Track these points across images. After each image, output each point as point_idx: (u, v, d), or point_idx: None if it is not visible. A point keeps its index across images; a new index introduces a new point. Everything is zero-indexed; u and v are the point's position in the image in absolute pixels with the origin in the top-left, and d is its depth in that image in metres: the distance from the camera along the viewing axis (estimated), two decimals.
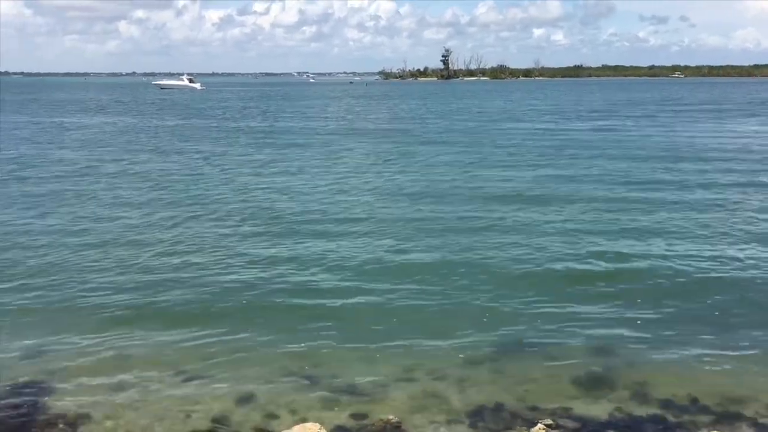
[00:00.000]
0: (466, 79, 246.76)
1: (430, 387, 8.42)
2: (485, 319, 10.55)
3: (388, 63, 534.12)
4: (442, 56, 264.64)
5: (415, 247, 14.35)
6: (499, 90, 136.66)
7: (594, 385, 8.49)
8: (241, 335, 9.92)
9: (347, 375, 8.72)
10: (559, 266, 12.98)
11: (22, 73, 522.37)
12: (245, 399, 8.11)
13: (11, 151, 31.44)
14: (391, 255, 13.79)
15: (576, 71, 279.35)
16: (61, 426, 7.41)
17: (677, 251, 13.80)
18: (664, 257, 13.38)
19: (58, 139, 38.27)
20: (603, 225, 15.95)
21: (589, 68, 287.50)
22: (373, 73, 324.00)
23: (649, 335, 9.94)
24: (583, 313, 10.79)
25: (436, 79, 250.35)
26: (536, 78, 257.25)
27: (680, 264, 12.97)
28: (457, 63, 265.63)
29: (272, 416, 7.72)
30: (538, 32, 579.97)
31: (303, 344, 9.62)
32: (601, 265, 13.01)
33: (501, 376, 8.71)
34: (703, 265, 12.93)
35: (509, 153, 30.57)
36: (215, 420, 7.62)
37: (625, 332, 10.05)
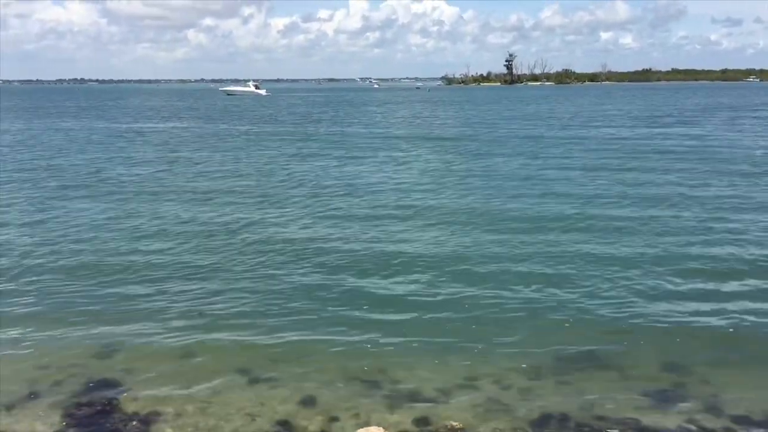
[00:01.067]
0: (530, 84, 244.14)
1: (493, 394, 8.35)
2: (550, 329, 10.40)
3: (451, 68, 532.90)
4: (506, 61, 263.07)
5: (482, 254, 14.23)
6: (566, 95, 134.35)
7: (664, 396, 8.27)
8: (305, 339, 10.05)
9: (410, 380, 8.72)
10: (633, 279, 12.61)
11: (97, 81, 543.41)
12: (308, 402, 8.20)
13: (89, 156, 32.77)
14: (456, 263, 13.72)
15: (645, 75, 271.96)
16: (134, 423, 7.65)
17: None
18: (751, 286, 12.47)
19: (135, 144, 39.73)
20: (685, 245, 15.10)
21: (659, 72, 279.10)
22: (436, 79, 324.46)
23: (725, 351, 9.64)
24: (655, 325, 10.51)
25: (499, 84, 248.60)
26: (603, 82, 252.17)
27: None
28: (521, 68, 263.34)
29: (335, 419, 7.78)
30: (605, 35, 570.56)
31: (366, 348, 9.68)
32: (680, 281, 12.51)
33: (567, 386, 8.56)
34: None
35: (587, 165, 28.31)
36: (279, 422, 7.73)
37: (700, 346, 9.74)
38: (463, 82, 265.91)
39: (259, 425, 7.68)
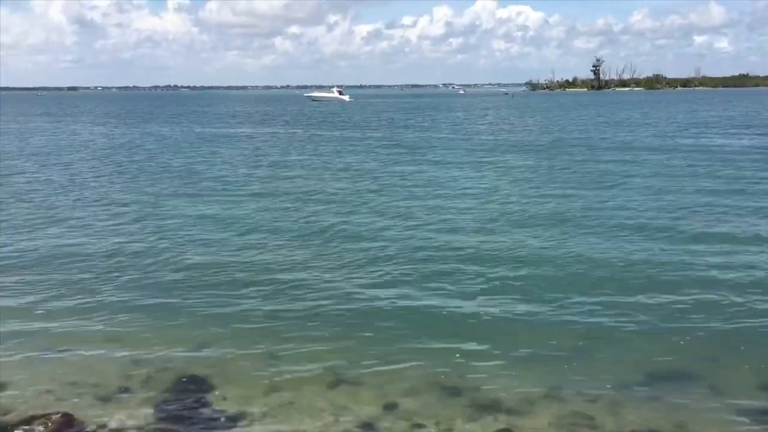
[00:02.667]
0: (618, 89, 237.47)
1: (579, 408, 8.13)
2: (640, 342, 10.06)
3: (535, 74, 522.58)
4: (593, 66, 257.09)
5: (572, 269, 13.86)
6: (659, 100, 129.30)
7: (763, 416, 7.84)
8: (390, 343, 10.10)
9: (493, 389, 8.61)
10: (732, 297, 11.97)
11: (188, 87, 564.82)
12: (391, 407, 8.21)
13: (189, 159, 34.18)
14: (544, 274, 13.48)
15: (741, 80, 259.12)
16: (222, 421, 7.87)
17: None
18: None
19: (229, 148, 41.27)
20: None
21: (756, 77, 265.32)
22: (520, 84, 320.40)
23: None
24: (756, 341, 10.03)
25: (585, 89, 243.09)
26: (695, 88, 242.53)
27: None
28: (609, 73, 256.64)
29: (418, 426, 7.76)
30: (699, 39, 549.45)
31: (449, 355, 9.61)
32: None
33: (658, 402, 8.25)
34: None
35: (694, 186, 23.95)
36: (363, 426, 7.78)
37: None
38: (548, 87, 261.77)
39: (342, 427, 7.75)
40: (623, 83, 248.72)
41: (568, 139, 45.89)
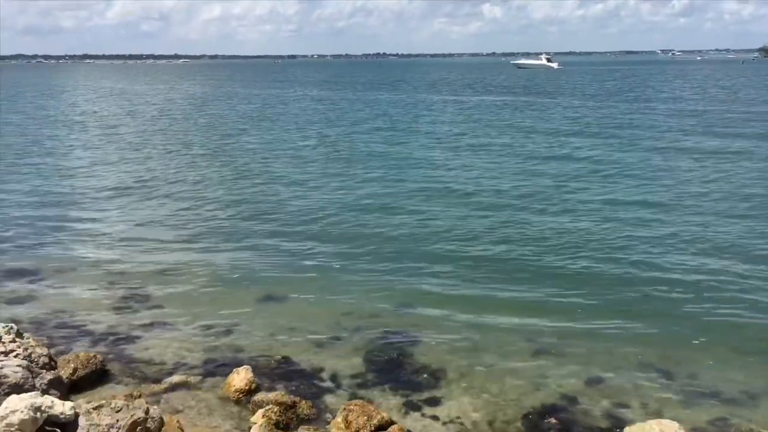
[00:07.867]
0: None
1: None
2: None
3: None
4: None
5: None
6: None
7: None
8: (594, 319, 9.79)
9: (709, 377, 8.10)
10: None
11: (396, 55, 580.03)
12: (595, 382, 8.01)
13: (413, 125, 35.59)
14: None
15: None
16: (425, 376, 8.14)
17: None
18: None
19: (448, 114, 42.16)
20: None
21: None
22: (751, 50, 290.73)
23: None
24: None
25: None
26: None
27: None
28: None
29: (623, 405, 7.49)
30: None
31: (665, 340, 9.13)
32: None
33: None
34: None
35: None
36: (564, 397, 7.65)
37: None
38: None
39: (542, 396, 7.68)
40: None
41: None
